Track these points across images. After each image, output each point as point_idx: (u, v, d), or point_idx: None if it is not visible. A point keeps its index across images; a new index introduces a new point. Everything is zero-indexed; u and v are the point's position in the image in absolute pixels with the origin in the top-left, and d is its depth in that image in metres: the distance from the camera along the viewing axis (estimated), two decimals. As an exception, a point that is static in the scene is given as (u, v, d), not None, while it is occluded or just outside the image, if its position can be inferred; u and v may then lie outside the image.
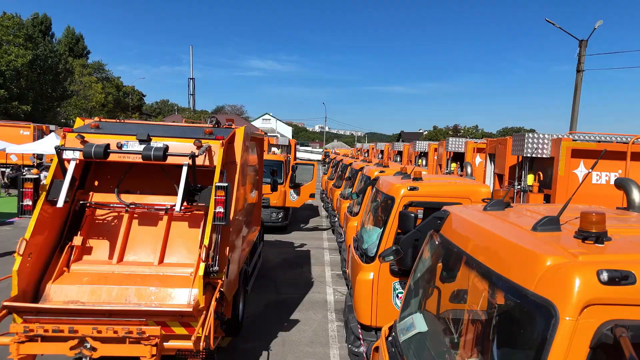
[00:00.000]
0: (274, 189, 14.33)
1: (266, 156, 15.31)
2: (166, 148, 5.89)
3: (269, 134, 28.10)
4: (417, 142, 17.83)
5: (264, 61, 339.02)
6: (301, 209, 19.46)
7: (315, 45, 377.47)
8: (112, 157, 6.06)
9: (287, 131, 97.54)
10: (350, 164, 14.76)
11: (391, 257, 3.21)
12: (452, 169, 12.63)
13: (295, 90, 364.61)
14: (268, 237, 14.67)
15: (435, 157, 15.50)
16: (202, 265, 5.39)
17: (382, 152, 27.88)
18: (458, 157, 13.06)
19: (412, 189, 5.67)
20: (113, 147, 6.02)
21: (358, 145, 51.90)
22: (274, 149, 20.34)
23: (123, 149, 6.09)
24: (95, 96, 50.82)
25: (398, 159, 21.78)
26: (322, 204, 23.22)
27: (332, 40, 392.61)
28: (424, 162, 16.53)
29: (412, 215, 5.08)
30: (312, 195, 16.82)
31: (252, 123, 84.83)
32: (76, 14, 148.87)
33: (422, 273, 3.40)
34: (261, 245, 11.45)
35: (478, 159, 11.43)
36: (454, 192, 5.80)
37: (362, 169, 11.72)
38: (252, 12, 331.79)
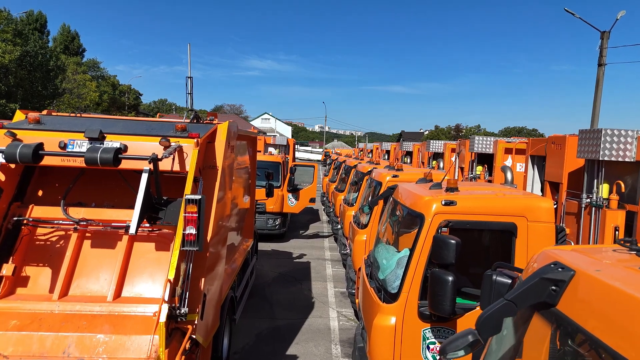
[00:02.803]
0: (269, 193, 12.89)
1: (261, 157, 13.95)
2: (119, 149, 4.50)
3: (268, 134, 26.65)
4: (432, 141, 16.16)
5: (263, 61, 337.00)
6: (300, 213, 18.03)
7: (315, 45, 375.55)
8: (52, 161, 4.69)
9: (287, 131, 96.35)
10: (355, 165, 13.29)
11: (461, 354, 1.80)
12: (478, 173, 11.07)
13: (295, 90, 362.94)
14: (263, 246, 13.27)
15: (453, 159, 13.92)
16: (165, 307, 3.99)
17: (388, 152, 26.17)
18: (484, 159, 11.49)
19: (448, 203, 4.22)
20: (52, 147, 4.66)
21: (361, 145, 50.27)
22: (270, 149, 18.85)
23: (67, 149, 4.72)
24: (90, 94, 49.30)
25: (408, 160, 20.12)
26: (323, 207, 21.75)
27: (331, 40, 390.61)
28: (440, 164, 14.95)
29: (453, 242, 3.67)
30: (312, 200, 15.41)
31: (251, 122, 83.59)
32: (77, 14, 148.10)
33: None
34: (254, 259, 10.03)
35: (509, 162, 9.82)
36: (505, 209, 4.34)
37: (370, 172, 10.25)
38: (251, 12, 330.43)
